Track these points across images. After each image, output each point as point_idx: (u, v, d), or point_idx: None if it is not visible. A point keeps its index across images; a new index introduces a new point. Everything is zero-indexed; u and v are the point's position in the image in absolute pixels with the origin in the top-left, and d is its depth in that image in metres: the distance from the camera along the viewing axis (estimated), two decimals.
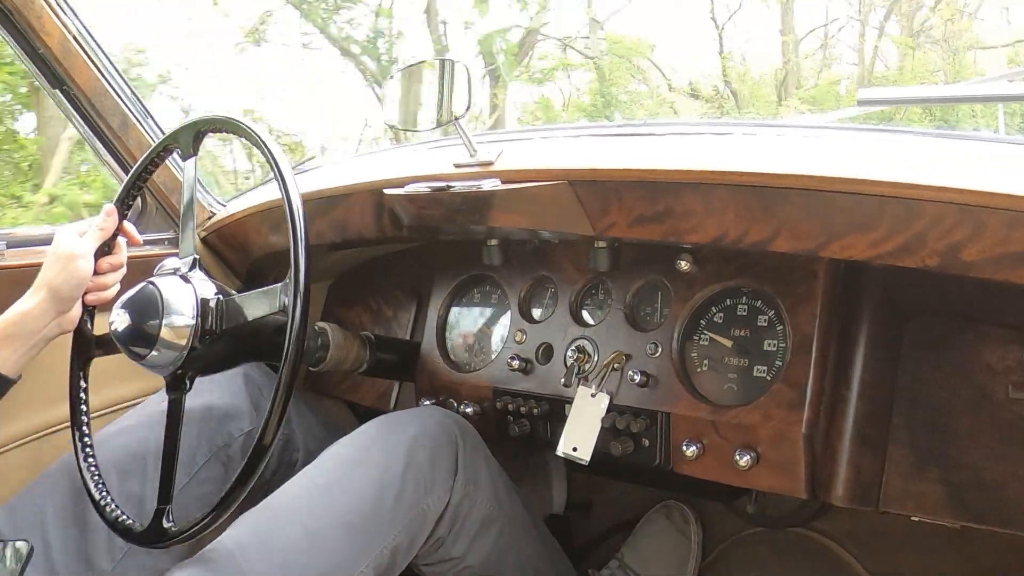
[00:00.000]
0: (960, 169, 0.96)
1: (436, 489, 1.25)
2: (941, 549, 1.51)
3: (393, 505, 1.20)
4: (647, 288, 1.34)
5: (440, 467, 1.27)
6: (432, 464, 1.26)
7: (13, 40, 1.41)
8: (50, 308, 1.20)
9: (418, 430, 1.29)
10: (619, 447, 1.27)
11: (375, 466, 1.22)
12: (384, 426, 1.31)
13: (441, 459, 1.28)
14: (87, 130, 1.57)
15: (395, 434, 1.28)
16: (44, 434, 1.47)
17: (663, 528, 1.69)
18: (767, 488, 1.18)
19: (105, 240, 1.26)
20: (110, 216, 1.26)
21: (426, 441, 1.27)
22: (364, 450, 1.25)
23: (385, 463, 1.22)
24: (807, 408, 1.13)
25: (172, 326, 1.10)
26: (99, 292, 1.27)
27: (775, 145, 1.15)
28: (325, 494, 1.18)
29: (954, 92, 1.41)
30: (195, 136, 1.20)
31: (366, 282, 1.83)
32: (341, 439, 1.30)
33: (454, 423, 1.34)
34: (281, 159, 1.07)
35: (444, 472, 1.27)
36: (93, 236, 1.24)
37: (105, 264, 1.28)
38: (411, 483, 1.22)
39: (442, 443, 1.29)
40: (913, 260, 0.95)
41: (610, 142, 1.31)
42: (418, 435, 1.27)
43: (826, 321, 1.14)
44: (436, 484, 1.26)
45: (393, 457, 1.23)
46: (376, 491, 1.19)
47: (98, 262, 1.26)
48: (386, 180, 1.39)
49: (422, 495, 1.23)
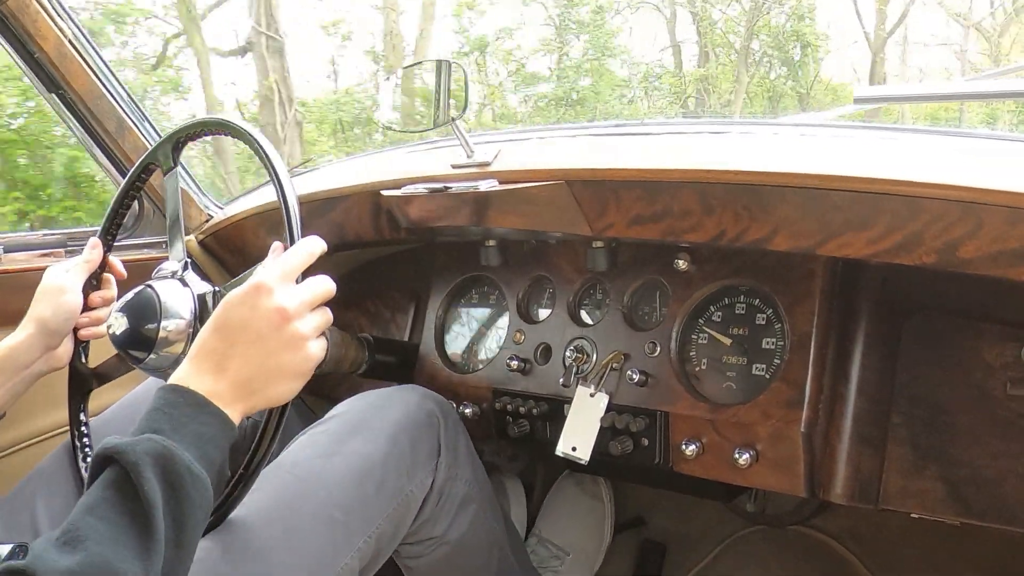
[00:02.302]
0: (957, 166, 0.96)
1: (419, 473, 1.23)
2: (941, 546, 1.51)
3: (375, 494, 1.16)
4: (645, 288, 1.34)
5: (422, 450, 1.24)
6: (414, 448, 1.23)
7: (9, 44, 1.42)
8: (38, 342, 1.20)
9: (397, 413, 1.25)
10: (618, 446, 1.27)
11: (354, 455, 1.18)
12: (361, 409, 1.27)
13: (423, 442, 1.25)
14: (84, 134, 1.57)
15: (373, 419, 1.24)
16: (43, 438, 1.47)
17: (575, 495, 1.68)
18: (766, 486, 1.18)
19: (93, 273, 1.27)
20: (95, 249, 1.27)
21: (407, 424, 1.24)
22: (340, 439, 1.21)
23: (364, 451, 1.19)
24: (806, 406, 1.13)
25: (170, 329, 1.10)
26: (92, 328, 1.27)
27: (772, 143, 1.16)
28: (303, 488, 1.13)
29: (952, 89, 1.41)
30: (174, 147, 1.19)
31: (364, 284, 1.83)
32: (315, 425, 1.25)
33: (433, 402, 1.31)
34: (277, 161, 1.06)
35: (426, 455, 1.25)
36: (79, 270, 1.25)
37: (97, 299, 1.28)
38: (393, 470, 1.19)
39: (423, 424, 1.26)
40: (911, 258, 0.95)
41: (607, 142, 1.31)
42: (398, 419, 1.24)
43: (824, 319, 1.14)
44: (418, 468, 1.23)
45: (373, 445, 1.20)
46: (356, 481, 1.16)
47: (89, 297, 1.26)
48: (383, 181, 1.39)
49: (405, 482, 1.20)
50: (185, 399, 0.86)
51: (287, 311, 0.91)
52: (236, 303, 0.91)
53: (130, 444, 0.79)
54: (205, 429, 0.85)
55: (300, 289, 0.94)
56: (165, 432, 0.82)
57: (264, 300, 0.90)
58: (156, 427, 0.83)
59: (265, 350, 0.90)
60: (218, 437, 0.86)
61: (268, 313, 0.90)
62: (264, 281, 0.91)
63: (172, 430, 0.82)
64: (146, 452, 0.79)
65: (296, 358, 0.92)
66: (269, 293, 0.91)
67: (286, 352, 0.92)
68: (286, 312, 0.91)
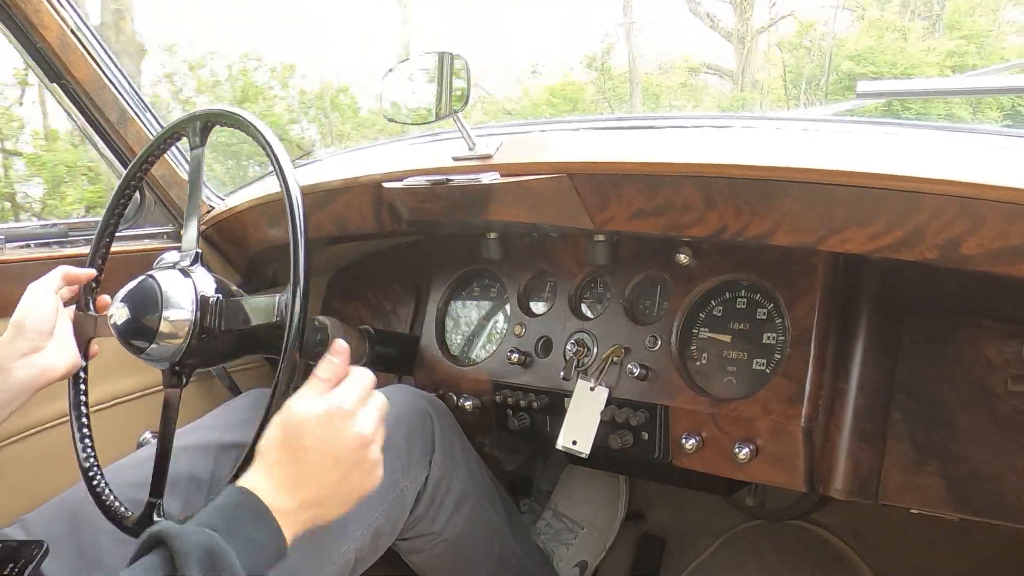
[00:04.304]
0: (959, 161, 0.96)
1: (413, 469, 1.25)
2: (940, 542, 1.51)
3: None
4: (646, 282, 1.34)
5: (416, 446, 1.26)
6: (408, 444, 1.25)
7: (11, 34, 1.41)
8: (15, 341, 1.14)
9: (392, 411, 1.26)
10: (618, 440, 1.28)
11: None
12: None
13: (416, 438, 1.27)
14: (86, 124, 1.56)
15: None
16: (45, 427, 1.47)
17: (591, 472, 1.69)
18: (766, 481, 1.18)
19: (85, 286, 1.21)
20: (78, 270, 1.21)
21: (401, 422, 1.26)
22: None
23: None
24: (806, 402, 1.13)
25: (171, 320, 1.10)
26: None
27: (774, 138, 1.15)
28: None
29: (954, 84, 1.41)
30: (203, 127, 1.19)
31: (365, 276, 1.83)
32: None
33: (426, 400, 1.34)
34: (281, 153, 1.06)
35: (420, 451, 1.27)
36: (57, 273, 1.19)
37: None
38: (388, 465, 1.20)
39: (415, 422, 1.29)
40: (912, 253, 0.95)
41: (609, 135, 1.31)
42: (392, 416, 1.25)
43: (825, 315, 1.14)
44: (412, 464, 1.25)
45: None
46: None
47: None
48: (385, 173, 1.39)
49: (399, 477, 1.22)
50: (251, 505, 0.85)
51: (368, 438, 0.92)
52: (315, 424, 0.90)
53: (184, 533, 0.78)
54: (259, 537, 0.84)
55: (372, 411, 0.95)
56: (219, 530, 0.81)
57: (348, 426, 0.91)
58: (213, 523, 0.82)
59: (342, 474, 0.91)
60: (270, 550, 0.85)
61: (350, 440, 0.91)
62: (345, 407, 0.92)
63: (227, 531, 0.81)
64: (198, 545, 0.78)
65: (367, 481, 0.94)
66: (351, 418, 0.91)
67: (361, 477, 0.93)
68: (367, 440, 0.92)
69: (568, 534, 1.65)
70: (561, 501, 1.70)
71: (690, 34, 12.71)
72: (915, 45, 10.23)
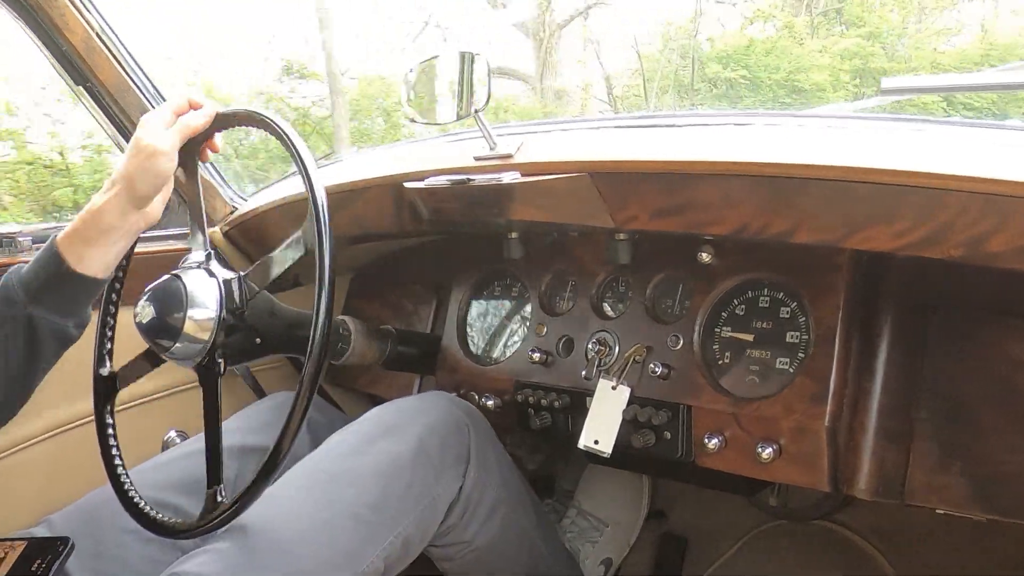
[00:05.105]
0: (984, 158, 0.95)
1: (446, 477, 1.25)
2: (965, 542, 1.49)
3: (402, 495, 1.19)
4: (668, 281, 1.34)
5: (450, 455, 1.27)
6: (442, 452, 1.26)
7: (37, 37, 1.43)
8: (125, 203, 1.10)
9: (427, 418, 1.28)
10: (640, 439, 1.27)
11: (383, 454, 1.21)
12: (391, 414, 1.30)
13: (451, 447, 1.27)
14: (111, 126, 1.58)
15: (403, 422, 1.27)
16: (67, 429, 1.49)
17: (613, 469, 1.68)
18: (789, 481, 1.17)
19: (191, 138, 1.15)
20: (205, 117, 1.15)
21: (436, 429, 1.27)
22: (370, 439, 1.24)
23: (394, 451, 1.22)
24: (830, 401, 1.12)
25: (195, 319, 1.11)
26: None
27: (796, 135, 1.14)
28: (332, 484, 1.17)
29: (981, 80, 1.39)
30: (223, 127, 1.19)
31: (386, 276, 1.84)
32: (347, 426, 1.28)
33: (462, 410, 1.34)
34: (305, 153, 1.07)
35: (453, 460, 1.27)
36: (178, 132, 1.12)
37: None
38: (420, 472, 1.22)
39: (451, 431, 1.29)
40: (937, 251, 0.94)
41: (630, 134, 1.31)
42: (427, 423, 1.27)
43: (849, 313, 1.13)
44: (446, 472, 1.25)
45: (402, 446, 1.22)
46: (384, 481, 1.18)
47: None
48: (405, 173, 1.39)
49: (432, 484, 1.23)
50: None
51: None
52: None
53: None
54: None
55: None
56: None
57: None
58: None
59: None
60: None
61: None
62: None
63: None
64: None
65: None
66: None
67: None
68: None
69: (594, 532, 1.65)
70: (585, 499, 1.70)
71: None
72: (809, 44, 8.82)
